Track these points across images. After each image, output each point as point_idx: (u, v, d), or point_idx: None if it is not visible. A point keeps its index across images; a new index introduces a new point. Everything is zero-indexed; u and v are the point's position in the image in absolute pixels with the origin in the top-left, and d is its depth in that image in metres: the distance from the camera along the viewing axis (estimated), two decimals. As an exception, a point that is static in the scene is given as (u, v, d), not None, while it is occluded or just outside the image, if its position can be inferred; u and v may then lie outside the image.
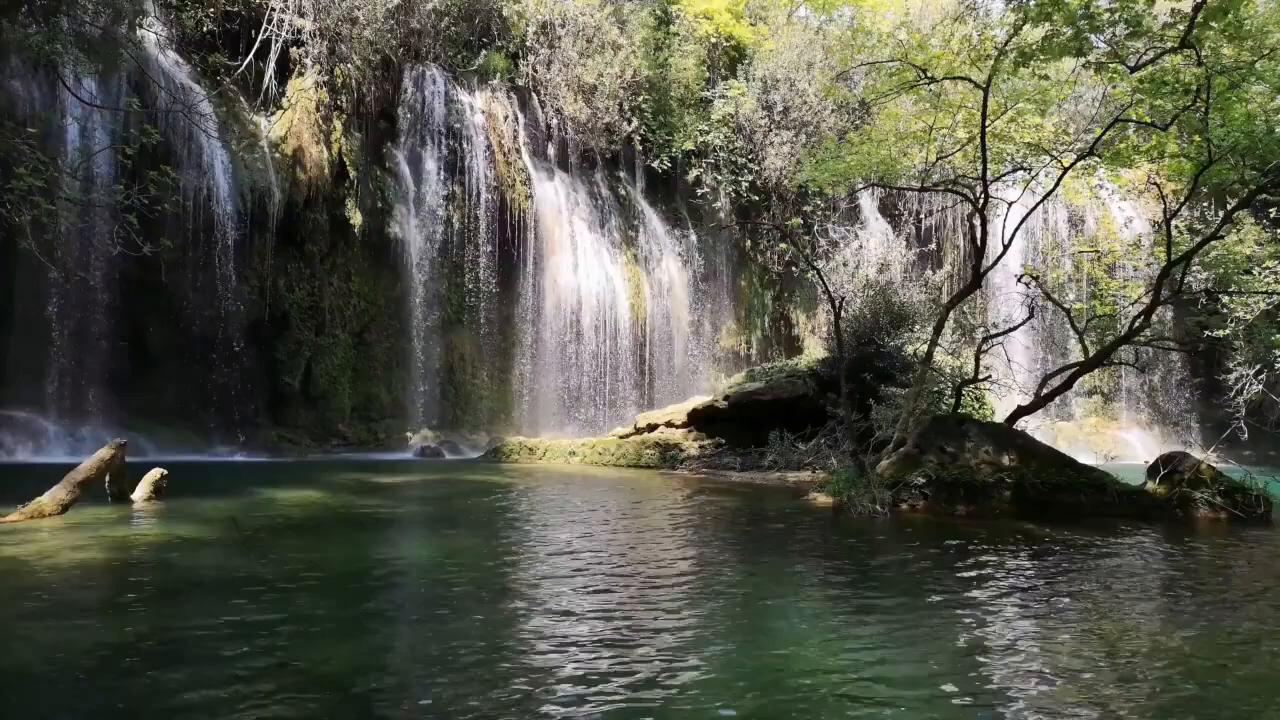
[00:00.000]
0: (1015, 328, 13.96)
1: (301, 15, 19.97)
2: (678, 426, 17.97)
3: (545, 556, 7.01)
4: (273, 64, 19.82)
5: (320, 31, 20.15)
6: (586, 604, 5.14)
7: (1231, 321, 17.47)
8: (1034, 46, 10.37)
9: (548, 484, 13.26)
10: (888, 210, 29.14)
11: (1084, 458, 13.11)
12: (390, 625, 4.76)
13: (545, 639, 4.37)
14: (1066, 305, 14.61)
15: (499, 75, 23.68)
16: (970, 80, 11.76)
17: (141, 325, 17.72)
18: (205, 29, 19.05)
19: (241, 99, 19.46)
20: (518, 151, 23.41)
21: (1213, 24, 9.77)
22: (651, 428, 18.31)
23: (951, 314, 14.64)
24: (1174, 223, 12.56)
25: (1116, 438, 26.05)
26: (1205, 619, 5.09)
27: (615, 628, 4.57)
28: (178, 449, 16.51)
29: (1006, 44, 10.80)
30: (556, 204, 23.79)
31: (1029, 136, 13.31)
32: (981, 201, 12.22)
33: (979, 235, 12.86)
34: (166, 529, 7.61)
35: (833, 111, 26.30)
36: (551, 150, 24.61)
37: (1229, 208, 12.05)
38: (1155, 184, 14.63)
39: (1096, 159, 12.31)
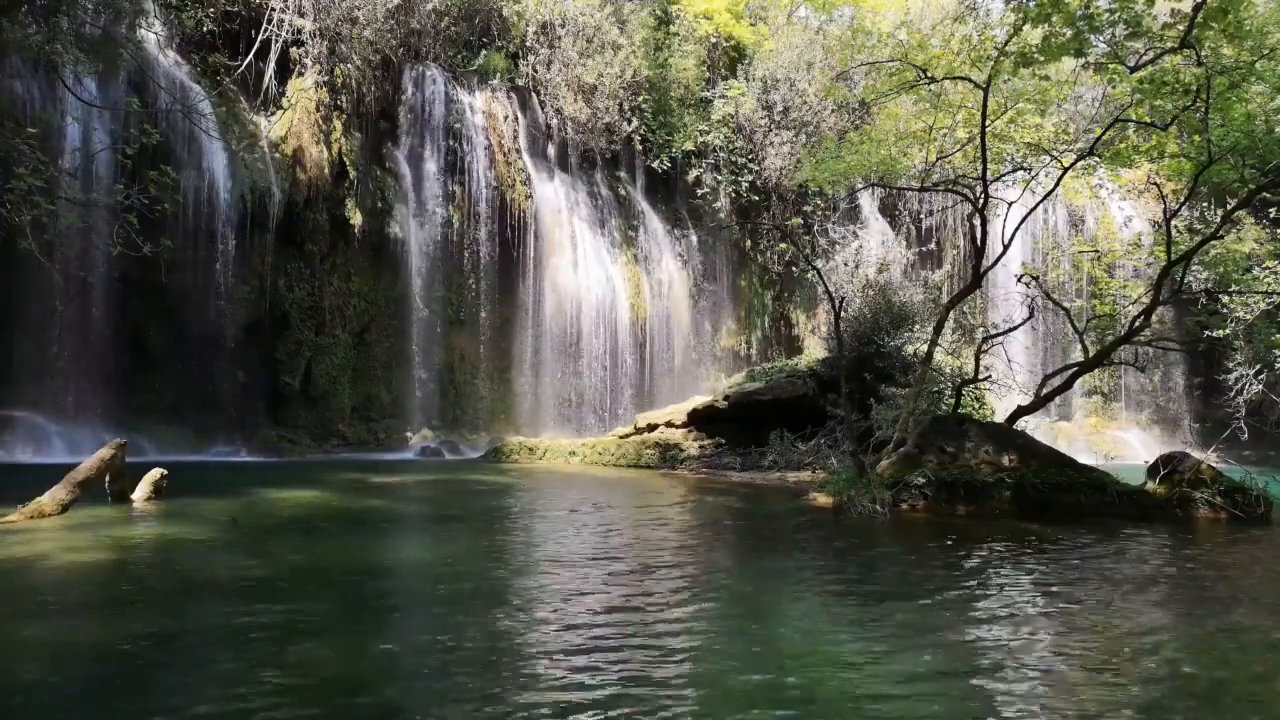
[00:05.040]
0: (1015, 328, 13.95)
1: (301, 15, 19.97)
2: (678, 426, 17.97)
3: (545, 556, 7.01)
4: (273, 64, 19.82)
5: (320, 31, 20.15)
6: (586, 604, 5.14)
7: (1231, 321, 17.47)
8: (1034, 48, 10.37)
9: (548, 484, 13.26)
10: (888, 210, 29.13)
11: (1084, 458, 13.12)
12: (390, 625, 4.76)
13: (545, 639, 4.37)
14: (1066, 305, 14.61)
15: (499, 75, 23.68)
16: (970, 80, 11.76)
17: (141, 325, 17.72)
18: (205, 29, 19.05)
19: (241, 99, 19.46)
20: (518, 151, 23.41)
21: (1213, 24, 9.77)
22: (651, 428, 18.31)
23: (951, 314, 14.63)
24: (1174, 223, 12.57)
25: (1116, 438, 26.04)
26: (1205, 619, 5.09)
27: (614, 628, 4.57)
28: (178, 449, 16.50)
29: (1006, 44, 10.79)
30: (556, 204, 23.79)
31: (1029, 136, 13.31)
32: (981, 201, 12.22)
33: (979, 235, 12.86)
34: (166, 529, 7.61)
35: (833, 111, 26.29)
36: (551, 150, 24.61)
37: (1229, 208, 12.05)
38: (1155, 184, 14.63)
39: (1096, 159, 12.31)
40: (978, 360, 13.33)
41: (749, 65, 27.01)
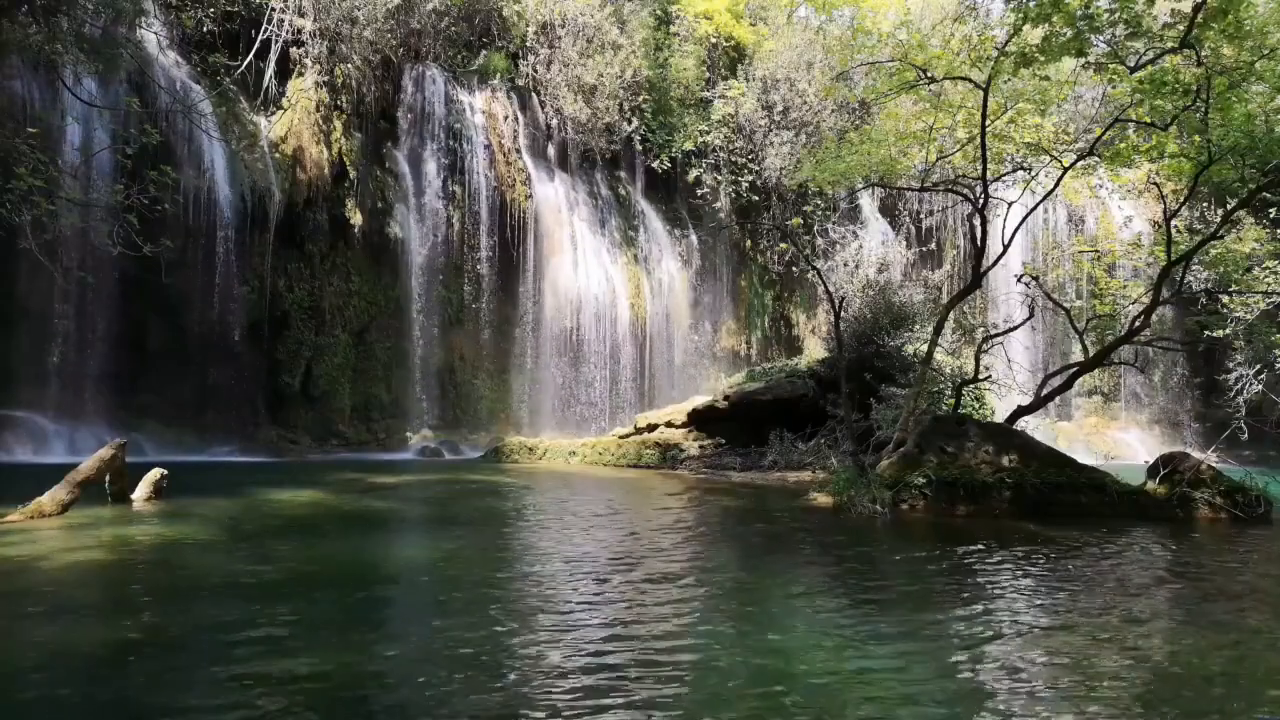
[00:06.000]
0: (1015, 328, 13.97)
1: (301, 15, 19.97)
2: (678, 426, 17.98)
3: (545, 556, 7.01)
4: (273, 64, 19.82)
5: (320, 31, 20.15)
6: (585, 604, 5.14)
7: (1231, 321, 17.49)
8: (1034, 48, 10.37)
9: (548, 484, 13.26)
10: (888, 210, 29.14)
11: (1084, 458, 13.11)
12: (390, 626, 4.76)
13: (545, 639, 4.36)
14: (1066, 305, 14.62)
15: (499, 75, 23.69)
16: (970, 80, 11.76)
17: (141, 325, 17.72)
18: (205, 29, 19.05)
19: (241, 99, 19.46)
20: (518, 151, 23.41)
21: (1213, 24, 9.78)
22: (651, 428, 18.31)
23: (951, 314, 14.64)
24: (1174, 223, 12.57)
25: (1116, 438, 26.05)
26: (1204, 619, 5.09)
27: (614, 628, 4.57)
28: (178, 449, 16.50)
29: (1006, 44, 10.80)
30: (556, 204, 23.80)
31: (1029, 136, 13.31)
32: (981, 201, 12.22)
33: (979, 235, 12.86)
34: (166, 529, 7.61)
35: (833, 111, 26.30)
36: (551, 150, 24.61)
37: (1229, 208, 12.06)
38: (1155, 184, 14.62)
39: (1096, 159, 12.32)
40: (978, 360, 13.33)
41: (749, 65, 27.02)
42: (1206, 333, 17.74)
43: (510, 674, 3.81)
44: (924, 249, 27.24)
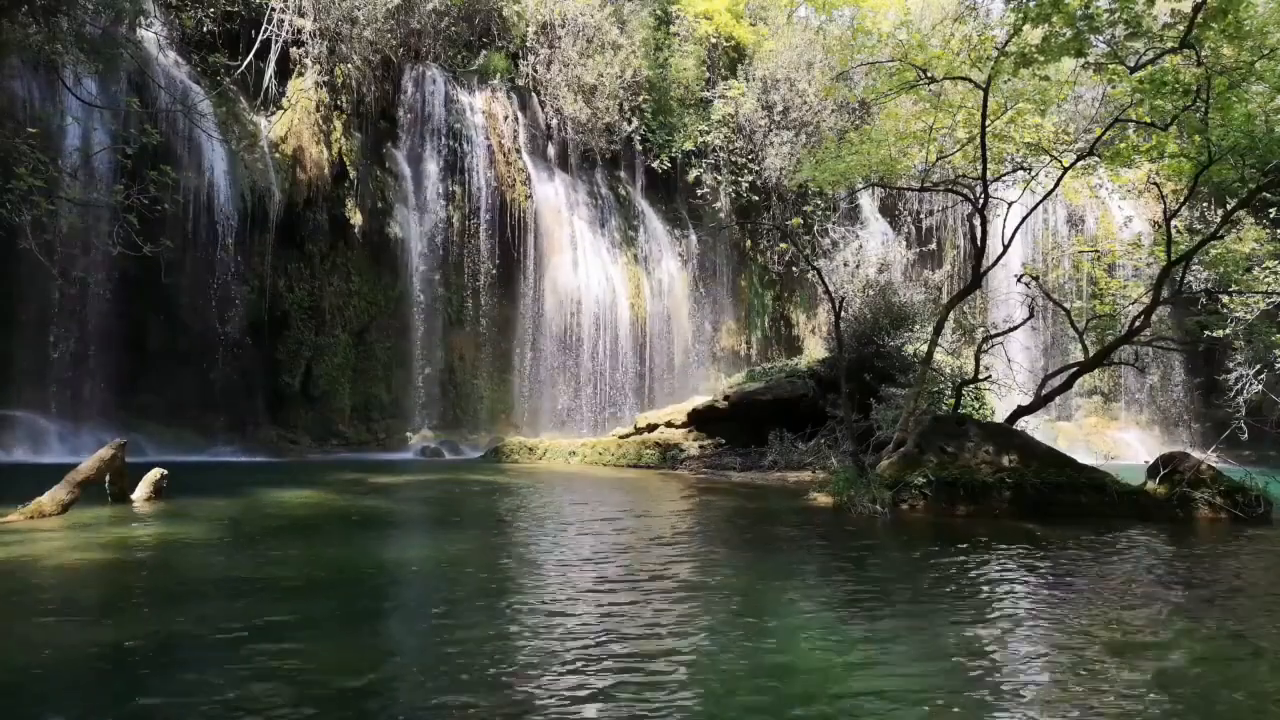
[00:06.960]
0: (1015, 328, 13.96)
1: (301, 15, 19.98)
2: (678, 426, 17.98)
3: (545, 557, 7.01)
4: (273, 64, 19.83)
5: (320, 31, 20.16)
6: (586, 605, 5.14)
7: (1231, 321, 17.49)
8: (1034, 48, 10.37)
9: (548, 484, 13.26)
10: (888, 210, 29.15)
11: (1084, 458, 13.10)
12: (391, 626, 4.75)
13: (545, 640, 4.36)
14: (1066, 305, 14.62)
15: (499, 75, 23.69)
16: (970, 80, 11.76)
17: (141, 325, 17.73)
18: (205, 29, 19.06)
19: (241, 99, 19.47)
20: (518, 151, 23.42)
21: (1213, 24, 9.78)
22: (651, 428, 18.31)
23: (951, 314, 14.64)
24: (1174, 223, 12.57)
25: (1116, 438, 26.05)
26: (1204, 619, 5.09)
27: (615, 629, 4.57)
28: (178, 449, 16.51)
29: (1006, 44, 10.80)
30: (556, 204, 23.80)
31: (1029, 136, 13.30)
32: (981, 201, 12.22)
33: (979, 235, 12.86)
34: (166, 529, 7.61)
35: (833, 111, 26.30)
36: (551, 150, 24.62)
37: (1229, 208, 12.06)
38: (1155, 184, 14.62)
39: (1096, 159, 12.31)
40: (978, 360, 13.33)
41: (749, 65, 27.03)
42: (1206, 333, 17.73)
43: (512, 676, 3.81)
44: (924, 249, 27.25)
